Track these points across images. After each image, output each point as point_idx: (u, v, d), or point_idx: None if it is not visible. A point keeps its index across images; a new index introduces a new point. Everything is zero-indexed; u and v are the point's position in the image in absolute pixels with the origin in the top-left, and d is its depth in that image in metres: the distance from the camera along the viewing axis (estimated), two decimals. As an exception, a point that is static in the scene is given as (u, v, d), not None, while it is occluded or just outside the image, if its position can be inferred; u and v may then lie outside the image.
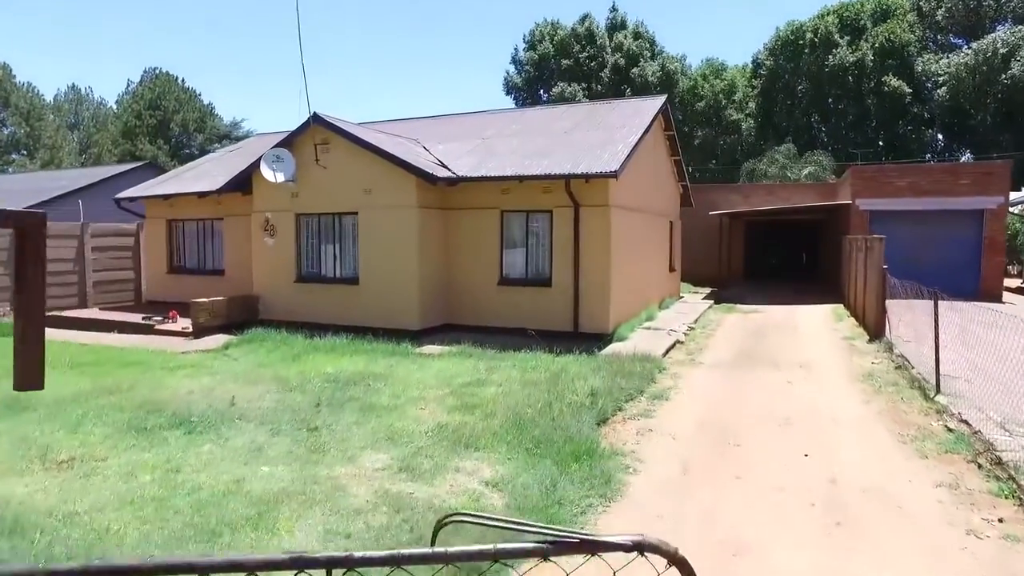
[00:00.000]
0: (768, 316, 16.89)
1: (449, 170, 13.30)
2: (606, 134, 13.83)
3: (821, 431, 7.20)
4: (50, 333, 15.21)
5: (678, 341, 12.61)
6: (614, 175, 11.57)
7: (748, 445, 6.76)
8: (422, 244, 12.85)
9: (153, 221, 17.35)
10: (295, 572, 1.08)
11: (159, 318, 13.99)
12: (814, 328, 14.77)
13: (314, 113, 13.15)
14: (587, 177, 11.90)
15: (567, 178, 12.00)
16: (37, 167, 47.38)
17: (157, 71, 54.99)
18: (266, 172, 13.21)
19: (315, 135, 13.30)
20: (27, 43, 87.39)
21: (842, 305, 18.17)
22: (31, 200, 21.75)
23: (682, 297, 20.43)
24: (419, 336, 12.74)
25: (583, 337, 12.35)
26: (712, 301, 19.47)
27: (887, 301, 12.11)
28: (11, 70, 54.56)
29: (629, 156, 12.40)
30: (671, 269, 19.17)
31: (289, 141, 13.67)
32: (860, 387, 9.16)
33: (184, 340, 12.87)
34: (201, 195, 15.78)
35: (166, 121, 52.58)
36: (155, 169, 21.98)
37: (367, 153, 12.94)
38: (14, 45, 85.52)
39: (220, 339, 12.68)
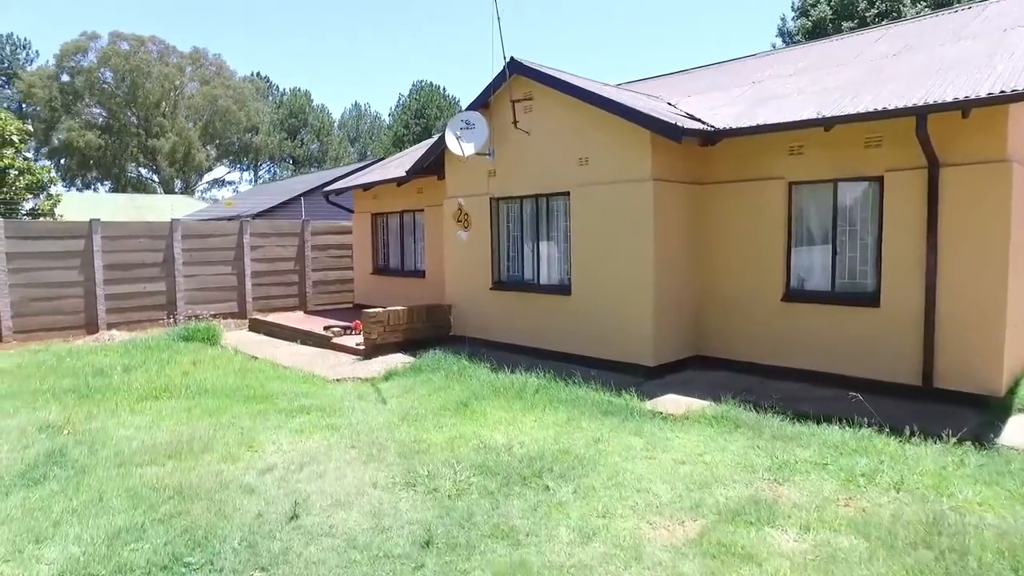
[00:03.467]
0: None
1: (703, 123, 8.48)
2: (984, 44, 7.82)
3: None
4: (241, 338, 13.68)
5: None
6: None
7: None
8: (660, 236, 8.24)
9: (359, 216, 15.14)
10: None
11: (338, 329, 11.34)
12: None
13: (511, 58, 9.30)
14: (967, 106, 6.25)
15: (923, 112, 6.44)
16: (324, 177, 51.88)
17: (423, 83, 57.21)
18: (451, 142, 9.70)
19: (513, 89, 9.44)
20: (321, 70, 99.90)
21: None
22: (277, 200, 21.53)
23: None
24: (653, 376, 8.18)
25: (941, 398, 6.73)
26: None
27: None
28: (310, 96, 61.09)
29: (1052, 67, 6.43)
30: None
31: (482, 101, 10.01)
32: None
33: (352, 360, 9.91)
34: (399, 182, 12.98)
35: (428, 128, 54.18)
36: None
37: (583, 108, 8.70)
38: (312, 73, 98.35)
39: (391, 362, 9.45)
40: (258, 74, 61.28)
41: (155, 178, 55.86)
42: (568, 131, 9.00)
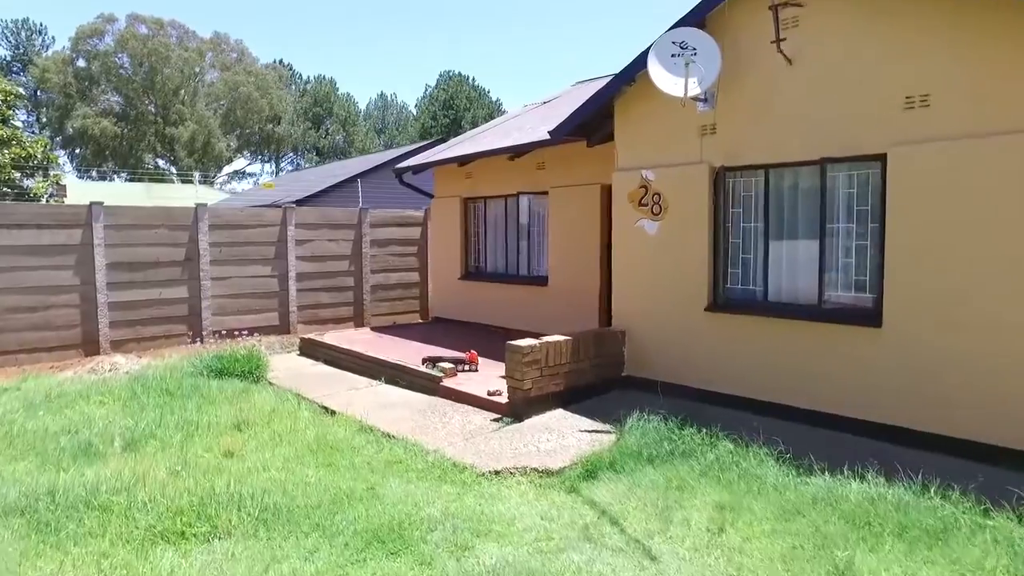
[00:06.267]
0: None
1: None
2: None
3: None
4: (293, 368, 6.87)
5: None
6: None
7: None
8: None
9: (443, 202, 11.31)
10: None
11: (449, 365, 7.48)
12: None
13: (778, -71, 5.42)
14: None
15: None
16: (349, 169, 48.14)
17: (451, 73, 53.43)
18: (659, 77, 5.82)
19: (773, -15, 5.55)
20: (346, 58, 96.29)
21: None
22: (319, 187, 17.74)
23: None
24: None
25: None
26: None
27: None
28: (335, 84, 57.30)
29: None
30: None
31: (698, 15, 6.13)
32: None
33: (490, 422, 6.07)
34: (517, 152, 9.14)
35: (458, 120, 50.48)
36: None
37: (916, 10, 4.86)
38: (336, 61, 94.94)
39: (563, 430, 5.61)
40: (281, 61, 57.48)
41: (173, 169, 52.17)
42: (880, 50, 5.14)
